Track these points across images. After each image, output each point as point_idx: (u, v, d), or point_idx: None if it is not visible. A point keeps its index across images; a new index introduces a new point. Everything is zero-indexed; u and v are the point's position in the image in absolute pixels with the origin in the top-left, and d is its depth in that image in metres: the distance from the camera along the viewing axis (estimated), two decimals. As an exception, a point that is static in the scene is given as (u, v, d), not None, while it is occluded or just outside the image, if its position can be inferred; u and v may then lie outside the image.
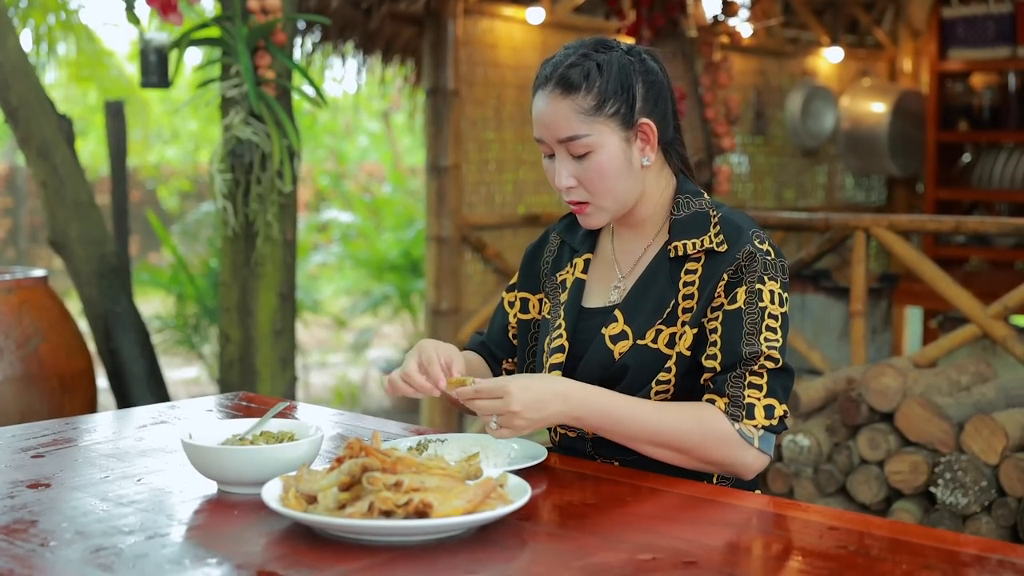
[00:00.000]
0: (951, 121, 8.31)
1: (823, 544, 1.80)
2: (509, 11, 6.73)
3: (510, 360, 2.53)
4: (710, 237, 2.22)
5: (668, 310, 2.23)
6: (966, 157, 8.52)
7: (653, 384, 2.21)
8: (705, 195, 2.32)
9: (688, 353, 2.21)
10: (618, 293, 2.32)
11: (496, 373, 2.53)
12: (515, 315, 2.49)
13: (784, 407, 2.18)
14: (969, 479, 3.98)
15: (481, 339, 2.55)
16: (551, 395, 2.10)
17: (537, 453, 2.19)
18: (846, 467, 4.31)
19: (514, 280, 2.53)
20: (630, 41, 5.39)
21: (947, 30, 8.19)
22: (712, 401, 2.17)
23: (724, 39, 6.65)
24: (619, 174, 2.22)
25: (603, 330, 2.26)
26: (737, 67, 7.34)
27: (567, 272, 2.39)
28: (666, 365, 2.21)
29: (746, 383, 2.15)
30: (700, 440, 2.14)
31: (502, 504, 1.80)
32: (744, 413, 2.15)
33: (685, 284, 2.23)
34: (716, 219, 2.25)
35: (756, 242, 2.20)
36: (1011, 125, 8.14)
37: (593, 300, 2.35)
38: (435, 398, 2.27)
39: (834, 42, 8.58)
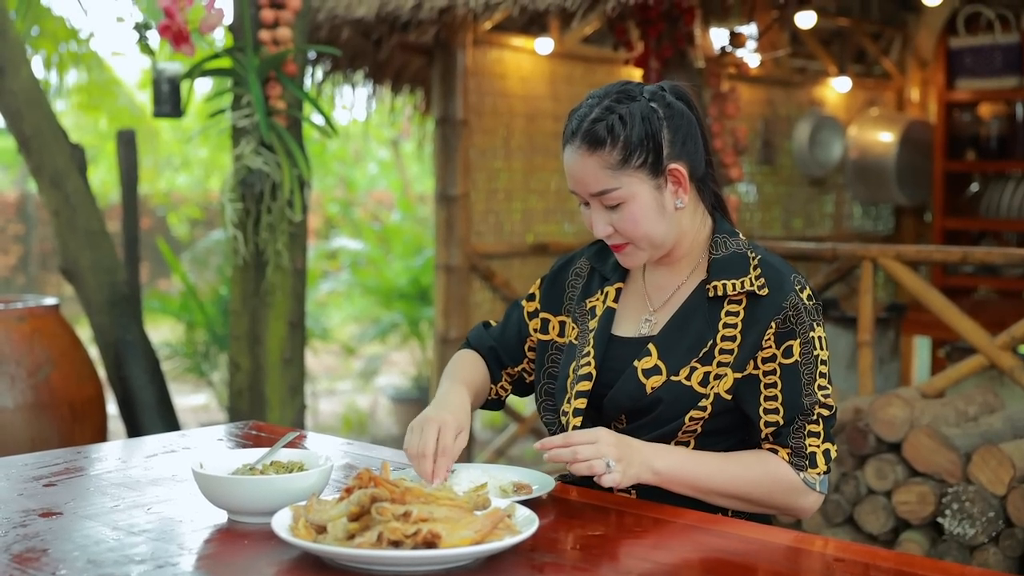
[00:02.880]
0: (959, 150, 8.32)
1: (828, 576, 1.81)
2: (518, 41, 6.76)
3: (514, 368, 2.54)
4: (751, 279, 2.24)
5: (705, 349, 2.24)
6: (974, 186, 8.52)
7: (686, 420, 2.23)
8: (741, 235, 2.34)
9: (728, 397, 2.23)
10: (649, 326, 2.33)
11: (496, 379, 2.55)
12: (535, 329, 2.49)
13: (835, 447, 2.26)
14: (976, 510, 3.98)
15: (491, 343, 2.55)
16: (629, 446, 2.16)
17: (545, 483, 2.20)
18: (853, 497, 4.31)
19: (534, 291, 2.53)
20: (639, 72, 5.43)
21: (954, 60, 8.20)
22: (774, 450, 2.23)
23: (732, 69, 6.68)
24: (653, 220, 2.24)
25: (636, 363, 2.27)
26: (745, 97, 7.37)
27: (597, 299, 2.40)
28: (700, 404, 2.23)
29: (806, 433, 2.22)
30: (769, 491, 2.22)
31: (510, 534, 1.81)
32: (808, 463, 2.22)
33: (726, 325, 2.24)
34: (755, 261, 2.27)
35: (798, 289, 2.22)
36: (1019, 155, 8.14)
37: (623, 329, 2.37)
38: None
39: (842, 72, 8.60)
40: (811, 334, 2.21)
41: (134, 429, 5.14)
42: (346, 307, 11.52)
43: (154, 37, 4.60)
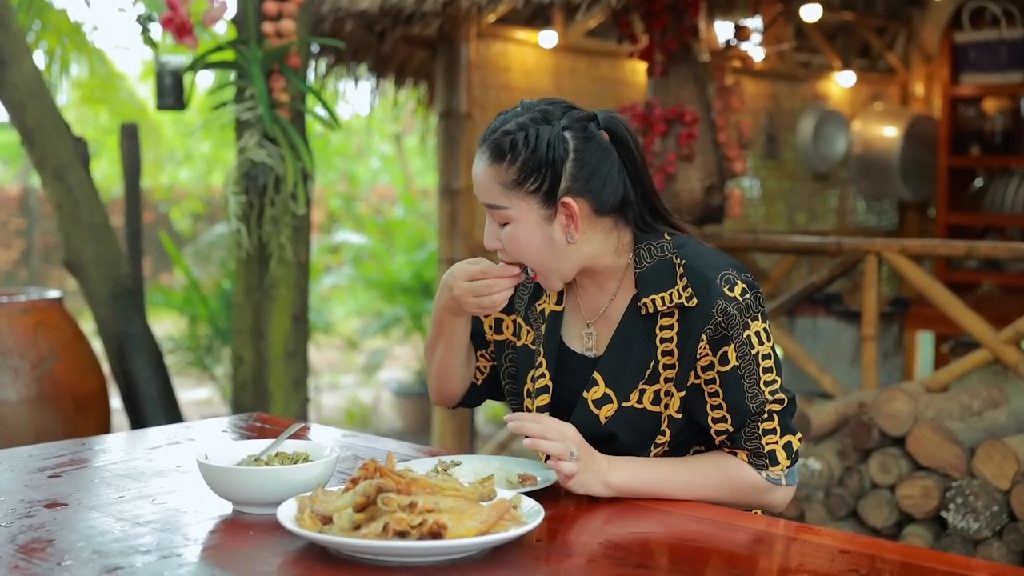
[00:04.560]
0: (963, 146, 8.30)
1: (835, 568, 1.81)
2: (522, 35, 6.76)
3: (481, 350, 2.47)
4: (678, 291, 2.17)
5: (649, 371, 2.20)
6: (978, 182, 8.51)
7: (652, 448, 2.22)
8: (665, 235, 2.24)
9: (679, 416, 2.21)
10: (593, 341, 2.29)
11: (475, 351, 2.48)
12: (489, 327, 2.43)
13: (798, 436, 2.21)
14: (980, 504, 3.97)
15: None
16: (591, 455, 2.14)
17: (550, 474, 2.20)
18: (857, 491, 4.31)
19: None
20: (643, 66, 5.40)
21: (959, 55, 8.19)
22: (733, 453, 2.20)
23: (736, 63, 6.68)
24: (537, 249, 2.18)
25: (585, 395, 2.24)
26: (749, 91, 7.35)
27: (544, 302, 2.35)
28: (660, 428, 2.21)
29: (760, 432, 2.17)
30: (731, 492, 2.20)
31: (516, 525, 1.81)
32: (768, 462, 2.19)
33: (663, 341, 2.19)
34: (681, 268, 2.18)
35: (726, 290, 2.14)
36: (1023, 150, 8.13)
37: (571, 339, 2.32)
38: (446, 421, 2.26)
39: (846, 66, 8.59)
40: (746, 334, 2.14)
41: (138, 423, 5.14)
42: (349, 301, 11.53)
43: (157, 29, 4.59)
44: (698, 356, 2.16)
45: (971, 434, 4.16)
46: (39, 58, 6.06)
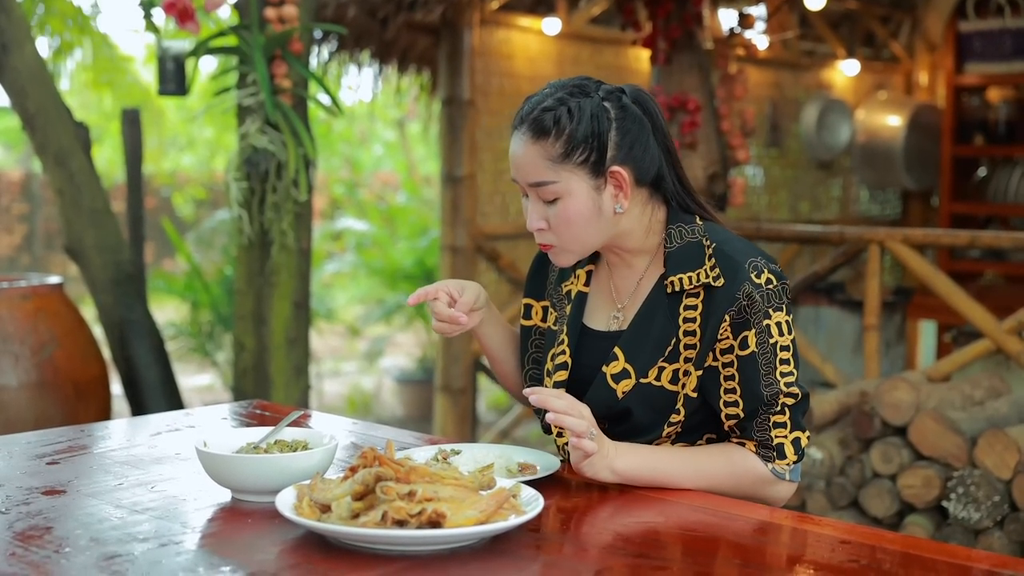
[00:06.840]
0: (967, 135, 8.30)
1: (835, 558, 1.80)
2: (525, 21, 6.74)
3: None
4: (706, 271, 2.18)
5: (670, 348, 2.20)
6: (982, 171, 8.51)
7: (665, 427, 2.21)
8: (697, 219, 2.26)
9: (695, 395, 2.20)
10: (618, 323, 2.30)
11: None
12: (523, 315, 2.46)
13: (807, 434, 2.21)
14: (982, 494, 3.97)
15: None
16: (601, 437, 2.13)
17: (550, 463, 2.19)
18: (859, 481, 4.31)
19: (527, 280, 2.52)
20: (647, 53, 5.39)
21: (964, 44, 8.17)
22: (741, 443, 2.20)
23: (740, 51, 6.66)
24: (587, 221, 2.18)
25: (604, 368, 2.24)
26: (753, 79, 7.34)
27: (571, 283, 2.37)
28: (676, 406, 2.21)
29: (771, 424, 2.17)
30: (736, 483, 2.19)
31: (515, 515, 1.80)
32: (776, 454, 2.19)
33: (686, 320, 2.19)
34: (711, 250, 2.19)
35: (753, 276, 2.15)
36: (1027, 139, 8.13)
37: (595, 320, 2.33)
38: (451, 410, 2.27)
39: (850, 55, 8.58)
40: (766, 322, 2.14)
41: (138, 409, 5.14)
42: (351, 288, 11.52)
43: (159, 14, 4.58)
44: (719, 337, 2.17)
45: (973, 424, 4.15)
46: (43, 43, 6.05)
